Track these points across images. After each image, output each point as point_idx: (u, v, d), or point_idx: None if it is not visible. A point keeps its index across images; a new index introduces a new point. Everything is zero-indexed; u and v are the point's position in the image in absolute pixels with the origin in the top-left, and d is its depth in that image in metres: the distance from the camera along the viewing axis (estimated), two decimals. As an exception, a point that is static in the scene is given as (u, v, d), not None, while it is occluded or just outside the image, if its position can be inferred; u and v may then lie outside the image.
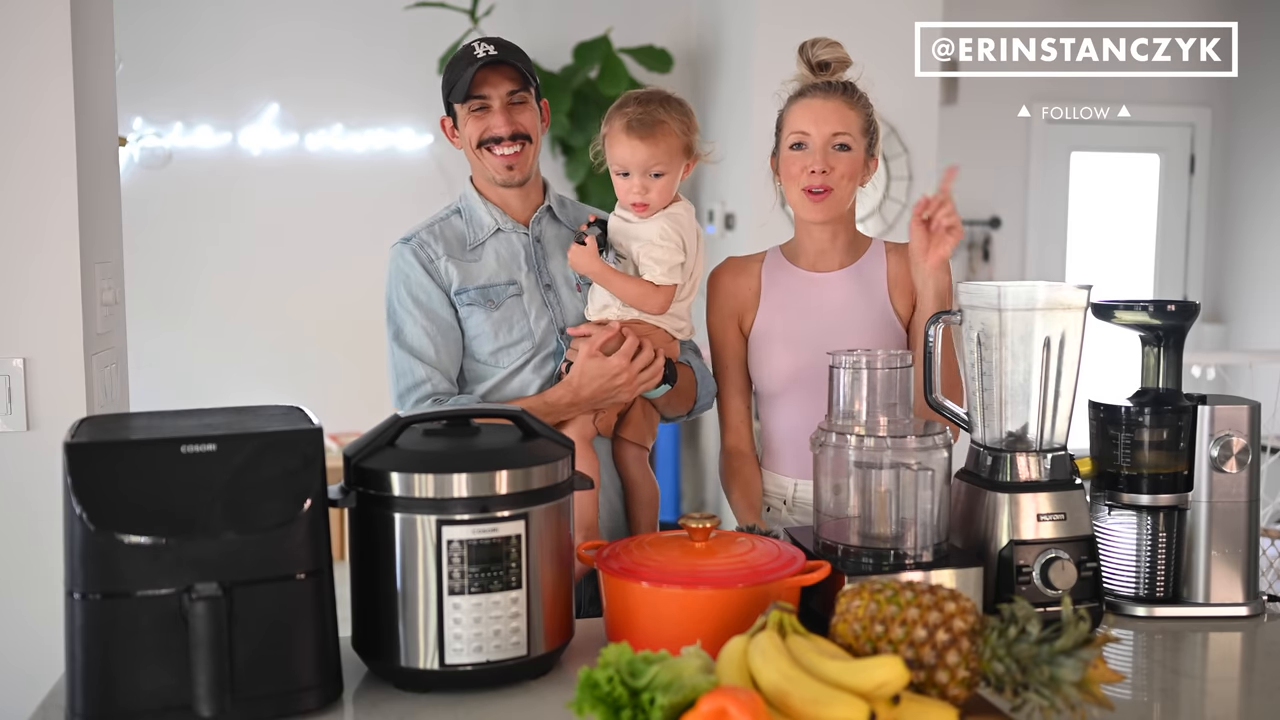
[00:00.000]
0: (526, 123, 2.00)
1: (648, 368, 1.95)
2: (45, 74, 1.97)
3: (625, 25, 5.45)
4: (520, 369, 2.00)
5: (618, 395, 1.95)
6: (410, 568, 1.38)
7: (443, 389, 1.97)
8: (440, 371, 1.97)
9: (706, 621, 1.39)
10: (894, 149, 4.72)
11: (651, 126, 1.92)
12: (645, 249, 1.96)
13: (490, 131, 1.98)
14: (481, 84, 1.97)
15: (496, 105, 1.98)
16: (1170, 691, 1.49)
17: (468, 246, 2.03)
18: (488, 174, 2.03)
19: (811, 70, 2.00)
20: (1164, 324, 1.76)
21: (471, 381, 2.02)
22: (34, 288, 1.99)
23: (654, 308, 1.98)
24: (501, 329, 1.99)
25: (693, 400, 2.11)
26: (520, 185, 2.04)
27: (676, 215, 1.98)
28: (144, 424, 1.42)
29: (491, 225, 2.04)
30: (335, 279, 5.43)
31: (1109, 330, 1.80)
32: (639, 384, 1.95)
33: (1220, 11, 5.29)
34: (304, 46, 5.38)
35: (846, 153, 1.94)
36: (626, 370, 1.92)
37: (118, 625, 1.26)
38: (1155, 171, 6.24)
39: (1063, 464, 1.66)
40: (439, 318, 1.98)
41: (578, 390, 1.93)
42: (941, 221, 1.85)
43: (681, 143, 1.96)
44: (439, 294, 1.99)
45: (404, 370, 1.98)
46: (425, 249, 2.01)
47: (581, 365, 1.93)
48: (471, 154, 2.03)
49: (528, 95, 2.01)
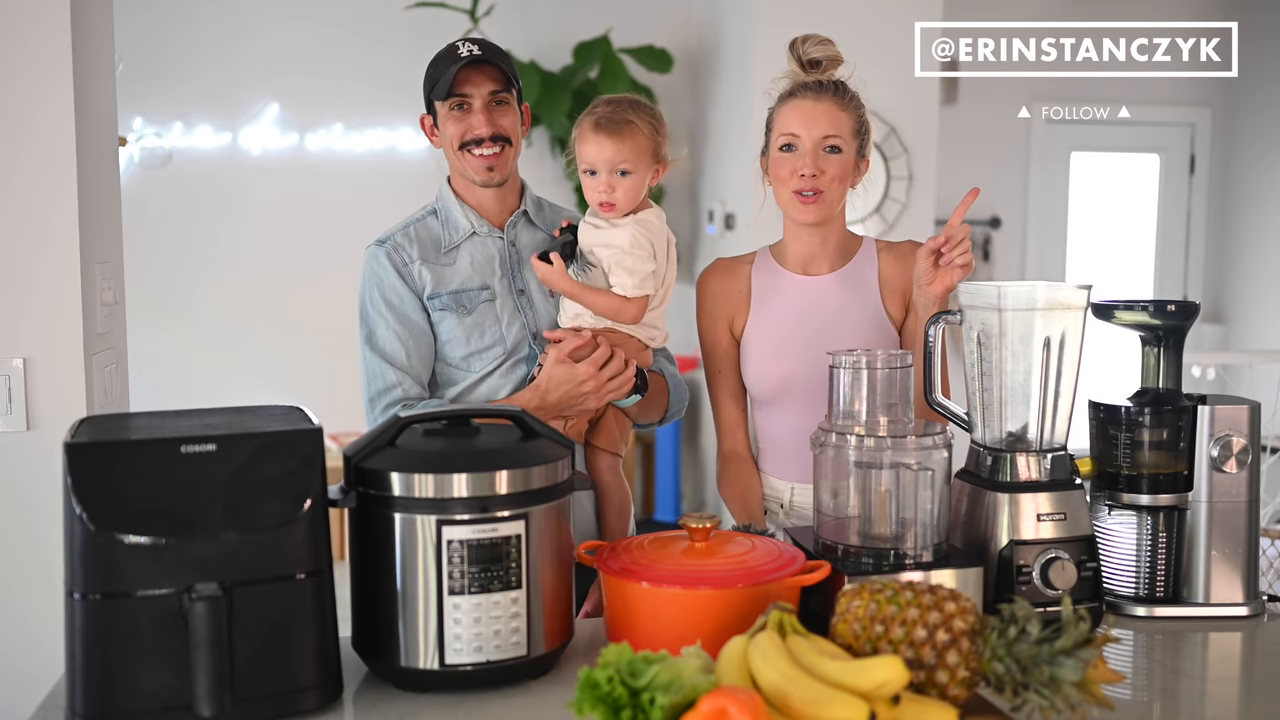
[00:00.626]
0: (507, 125, 1.99)
1: (616, 377, 1.93)
2: (45, 74, 1.97)
3: (625, 25, 5.45)
4: (491, 374, 1.99)
5: (584, 403, 1.93)
6: (410, 568, 1.38)
7: (413, 394, 1.96)
8: (411, 376, 1.97)
9: (706, 621, 1.39)
10: (894, 149, 4.72)
11: (619, 125, 1.92)
12: (616, 258, 1.94)
13: (471, 132, 1.97)
14: (464, 82, 1.96)
15: (478, 105, 1.97)
16: (1170, 691, 1.49)
17: (442, 249, 2.02)
18: (467, 174, 2.02)
19: (802, 68, 1.98)
20: (1164, 324, 1.76)
21: (442, 385, 2.01)
22: (34, 288, 1.99)
23: (628, 319, 1.97)
24: (473, 334, 1.98)
25: (664, 408, 2.11)
26: (499, 186, 2.03)
27: (647, 221, 1.97)
28: (144, 424, 1.42)
29: (467, 228, 2.03)
30: (335, 279, 5.41)
31: (1109, 330, 1.80)
32: (607, 392, 1.94)
33: (1220, 11, 5.29)
34: (304, 46, 5.38)
35: (837, 155, 1.93)
36: (594, 378, 1.91)
37: (118, 625, 1.26)
38: (1155, 171, 6.24)
39: (1063, 464, 1.66)
40: (411, 322, 1.98)
41: (544, 395, 1.92)
42: (955, 259, 1.83)
43: (649, 144, 1.94)
44: (412, 298, 1.98)
45: (375, 374, 1.97)
46: (400, 252, 2.00)
47: (549, 370, 1.92)
48: (451, 154, 2.02)
49: (509, 97, 2.00)
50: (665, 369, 2.11)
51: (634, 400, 2.00)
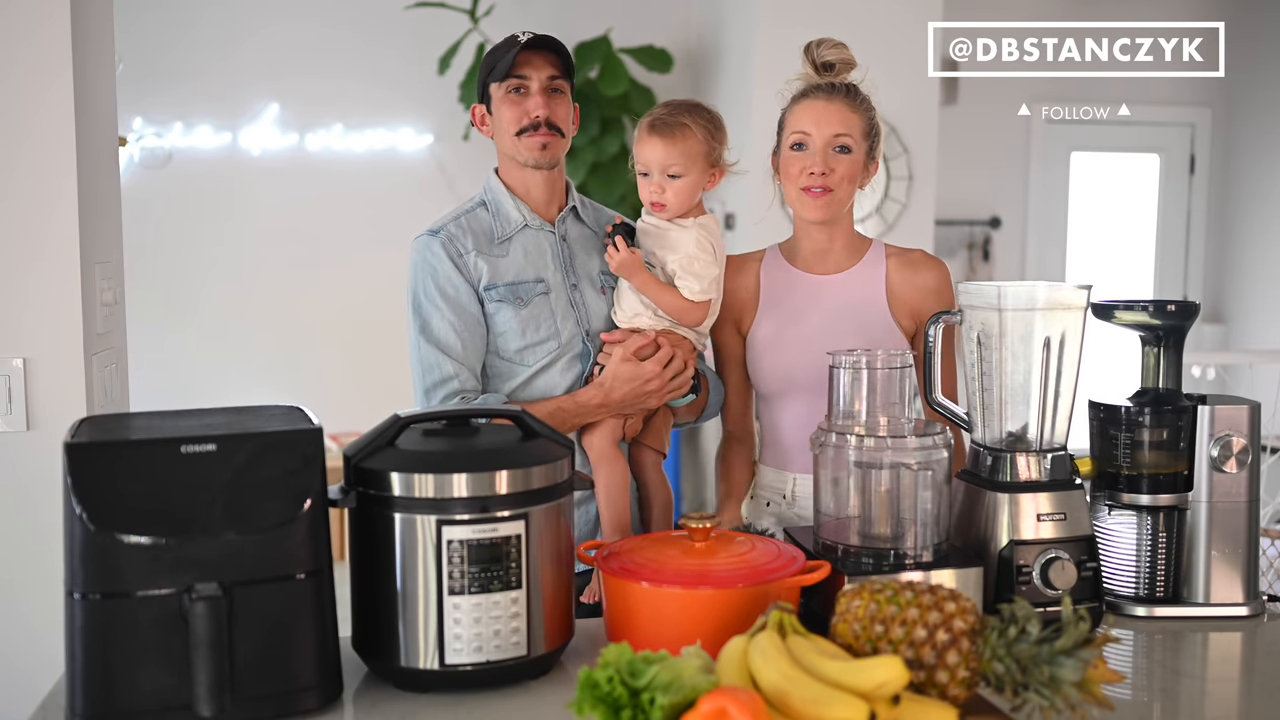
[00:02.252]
0: (561, 115, 2.00)
1: (678, 376, 1.96)
2: (45, 75, 1.97)
3: (625, 25, 5.45)
4: (546, 368, 1.98)
5: (647, 401, 1.95)
6: (410, 568, 1.38)
7: (470, 386, 1.95)
8: (467, 368, 1.95)
9: (706, 621, 1.39)
10: (894, 149, 4.72)
11: (672, 127, 1.93)
12: (683, 262, 1.95)
13: (528, 116, 1.97)
14: (523, 65, 1.97)
15: (535, 88, 1.97)
16: (1170, 691, 1.49)
17: (495, 241, 2.01)
18: (520, 156, 2.00)
19: (816, 70, 2.00)
20: (1164, 324, 1.76)
21: (495, 379, 2.00)
22: (34, 288, 1.99)
23: (693, 321, 1.98)
24: (529, 327, 1.98)
25: (703, 407, 2.12)
26: (550, 169, 2.03)
27: (709, 226, 1.99)
28: (144, 424, 1.42)
29: (519, 221, 2.03)
30: (335, 279, 5.43)
31: (1109, 330, 1.80)
32: (668, 391, 1.96)
33: (1220, 11, 5.29)
34: (304, 46, 5.38)
35: (847, 155, 1.95)
36: (659, 377, 1.93)
37: (118, 625, 1.26)
38: (1155, 171, 6.24)
39: (1063, 464, 1.66)
40: (466, 313, 1.96)
41: (609, 393, 1.93)
42: None
43: (702, 148, 1.95)
44: (467, 289, 1.97)
45: (430, 365, 1.96)
46: (455, 242, 1.98)
47: (615, 369, 1.94)
48: (505, 139, 2.01)
49: (565, 85, 2.01)
50: (705, 370, 2.12)
51: (690, 399, 2.02)
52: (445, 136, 5.45)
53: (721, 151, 1.99)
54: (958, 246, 5.95)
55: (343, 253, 5.40)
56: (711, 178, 1.99)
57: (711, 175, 1.98)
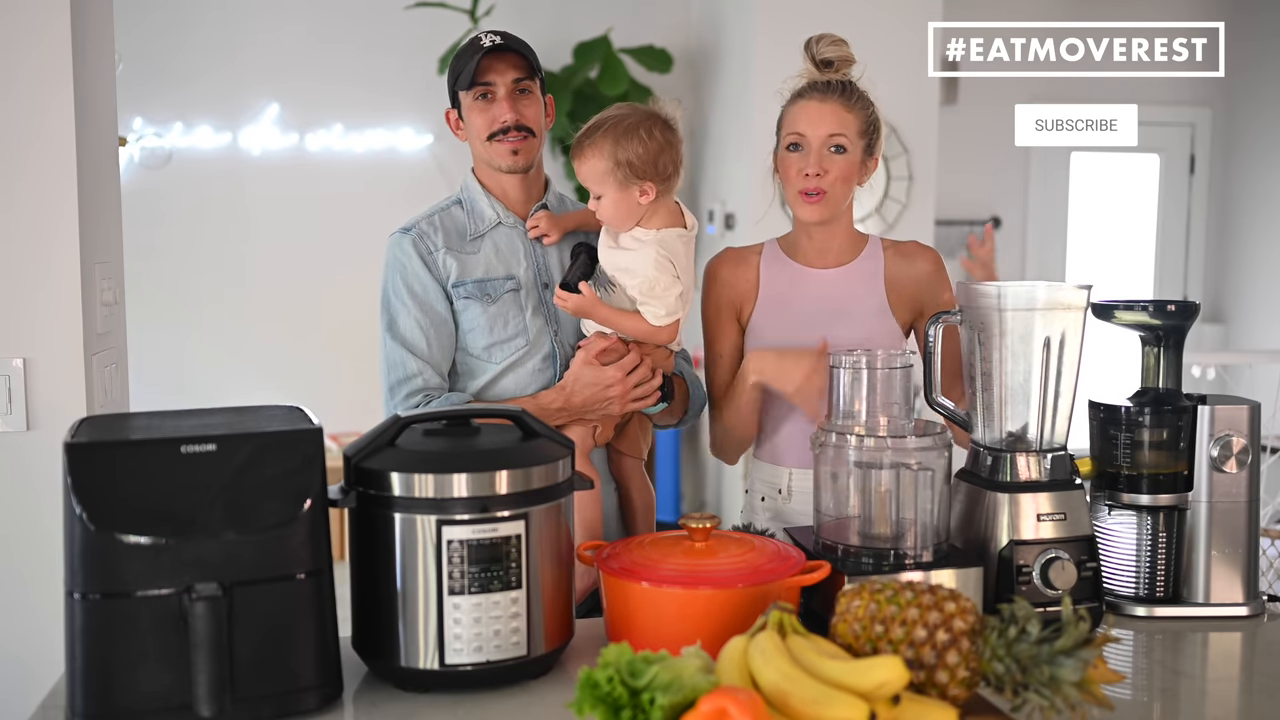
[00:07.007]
0: (531, 116, 1.98)
1: (642, 384, 1.93)
2: (46, 75, 1.97)
3: (625, 25, 5.45)
4: (514, 367, 1.98)
5: (609, 407, 1.93)
6: (410, 568, 1.38)
7: (434, 384, 1.95)
8: (432, 366, 1.95)
9: (706, 621, 1.39)
10: (894, 149, 4.72)
11: (579, 149, 1.90)
12: (643, 287, 1.90)
13: (496, 123, 1.96)
14: (487, 71, 1.95)
15: (501, 93, 1.96)
16: (1170, 691, 1.49)
17: (467, 238, 2.01)
18: (493, 162, 2.01)
19: (816, 67, 1.99)
20: (1164, 324, 1.76)
21: (464, 376, 2.00)
22: (34, 288, 1.99)
23: (661, 341, 1.96)
24: (497, 324, 1.97)
25: (684, 411, 2.11)
26: (525, 172, 2.02)
27: (667, 241, 1.92)
28: (144, 424, 1.42)
29: (493, 218, 2.03)
30: (335, 279, 5.43)
31: (1109, 330, 1.80)
32: (631, 399, 1.93)
33: (1220, 11, 5.29)
34: (304, 47, 5.38)
35: (842, 155, 1.94)
36: (621, 383, 1.91)
37: (118, 625, 1.26)
38: (1155, 171, 6.24)
39: (1063, 464, 1.66)
40: (434, 311, 1.97)
41: (569, 396, 1.92)
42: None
43: (605, 165, 1.87)
44: (435, 287, 1.97)
45: (395, 362, 1.96)
46: (425, 240, 1.98)
47: (576, 371, 1.92)
48: (477, 144, 2.01)
49: (533, 85, 1.99)
50: (685, 371, 2.11)
51: (661, 408, 2.00)
52: (445, 136, 5.41)
53: (648, 162, 1.87)
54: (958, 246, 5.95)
55: (343, 252, 5.40)
56: (644, 191, 1.88)
57: (643, 189, 1.88)
